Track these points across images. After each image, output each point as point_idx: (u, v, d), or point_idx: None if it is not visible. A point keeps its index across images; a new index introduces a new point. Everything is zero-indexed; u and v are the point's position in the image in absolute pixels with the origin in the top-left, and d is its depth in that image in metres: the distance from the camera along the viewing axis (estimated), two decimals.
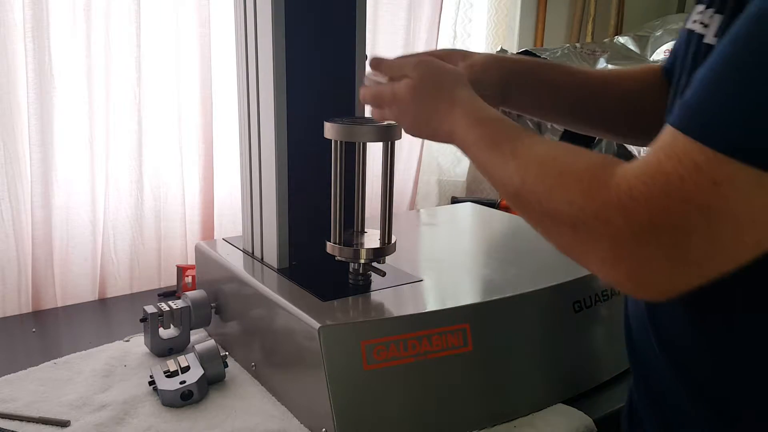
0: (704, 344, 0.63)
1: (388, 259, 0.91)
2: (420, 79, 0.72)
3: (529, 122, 1.62)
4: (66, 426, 0.82)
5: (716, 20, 0.59)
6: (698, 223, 0.46)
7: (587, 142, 1.46)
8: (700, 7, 0.67)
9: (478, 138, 0.65)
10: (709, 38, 0.60)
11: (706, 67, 0.48)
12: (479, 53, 0.85)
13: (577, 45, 1.66)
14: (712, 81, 0.47)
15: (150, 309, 0.99)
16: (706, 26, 0.63)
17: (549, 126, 1.56)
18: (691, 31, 0.68)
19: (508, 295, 0.89)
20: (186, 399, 0.86)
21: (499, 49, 1.66)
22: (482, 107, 0.68)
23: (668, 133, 0.49)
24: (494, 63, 0.83)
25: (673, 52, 0.83)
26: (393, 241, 0.90)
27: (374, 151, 0.93)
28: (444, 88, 0.71)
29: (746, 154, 0.44)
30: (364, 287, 0.90)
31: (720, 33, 0.58)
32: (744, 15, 0.47)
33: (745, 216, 0.45)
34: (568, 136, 1.54)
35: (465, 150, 0.68)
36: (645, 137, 0.89)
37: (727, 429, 0.63)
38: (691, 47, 0.66)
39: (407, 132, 0.77)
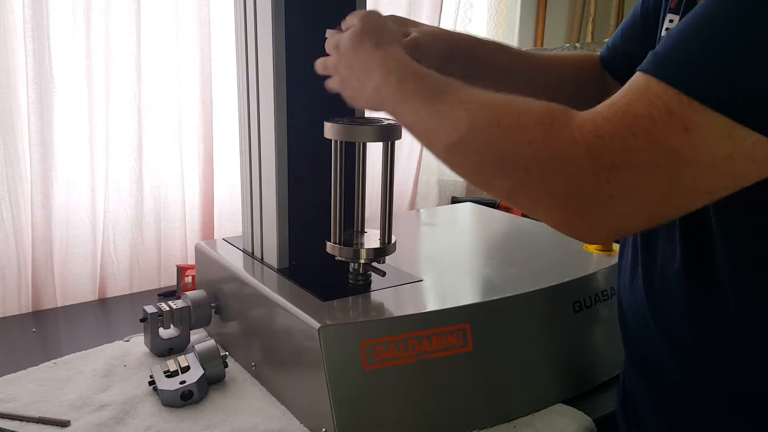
0: (699, 325, 0.64)
1: (388, 259, 0.91)
2: (362, 28, 0.72)
3: None
4: (66, 426, 0.82)
5: None
6: (662, 164, 0.47)
7: None
8: (673, 17, 0.68)
9: (416, 89, 0.63)
10: None
11: (682, 22, 0.49)
12: (429, 24, 0.86)
13: (577, 45, 1.66)
14: (690, 32, 0.48)
15: (150, 309, 0.99)
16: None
17: None
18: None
19: (508, 295, 0.89)
20: (186, 399, 0.86)
21: None
22: (416, 64, 0.67)
23: (639, 78, 0.49)
24: (442, 34, 0.84)
25: (614, 47, 0.86)
26: (393, 241, 0.90)
27: (374, 151, 0.92)
28: (380, 42, 0.70)
29: (721, 103, 0.45)
30: (364, 287, 0.90)
31: None
32: None
33: (708, 163, 0.46)
34: None
35: (395, 106, 0.65)
36: None
37: (727, 410, 0.63)
38: None
39: (337, 87, 0.75)
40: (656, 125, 0.47)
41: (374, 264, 0.89)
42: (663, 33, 0.70)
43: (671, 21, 0.68)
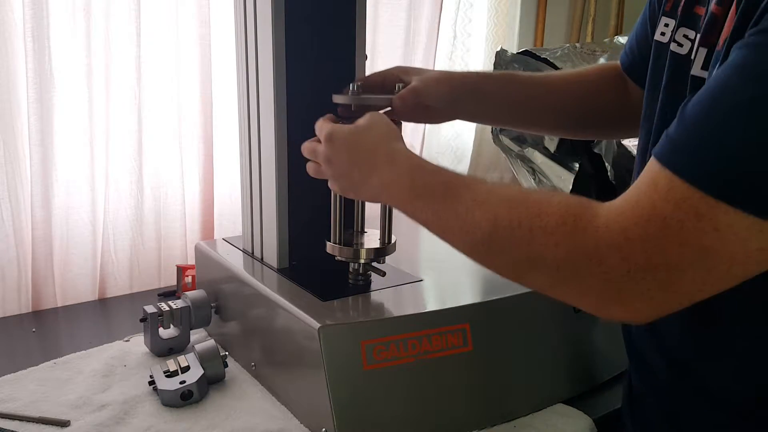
0: (693, 339, 0.64)
1: (388, 259, 0.91)
2: (365, 122, 0.72)
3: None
4: (66, 426, 0.82)
5: (702, 53, 0.60)
6: (695, 261, 0.47)
7: (587, 144, 1.46)
8: (668, 20, 0.67)
9: (428, 186, 0.63)
10: (697, 70, 0.60)
11: (699, 104, 0.48)
12: (431, 70, 0.87)
13: (577, 45, 1.66)
14: (709, 121, 0.47)
15: (150, 309, 0.99)
16: (680, 45, 0.64)
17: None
18: (660, 44, 0.68)
19: (508, 295, 0.88)
20: (186, 399, 0.86)
21: (499, 49, 1.65)
22: (423, 159, 0.67)
23: (661, 175, 0.49)
24: (445, 77, 0.85)
25: (632, 54, 0.84)
26: (393, 241, 0.90)
27: None
28: (382, 140, 0.70)
29: (749, 202, 0.45)
30: (364, 287, 0.90)
31: (706, 66, 0.59)
32: (739, 58, 0.47)
33: (741, 256, 0.47)
34: (566, 143, 1.54)
35: (407, 202, 0.65)
36: (593, 133, 1.00)
37: (726, 416, 0.64)
38: (666, 63, 0.66)
39: (325, 176, 0.75)
40: (686, 228, 0.46)
41: (374, 264, 0.89)
42: (658, 36, 0.69)
43: (666, 25, 0.68)
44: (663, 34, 0.68)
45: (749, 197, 0.45)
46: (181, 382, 0.87)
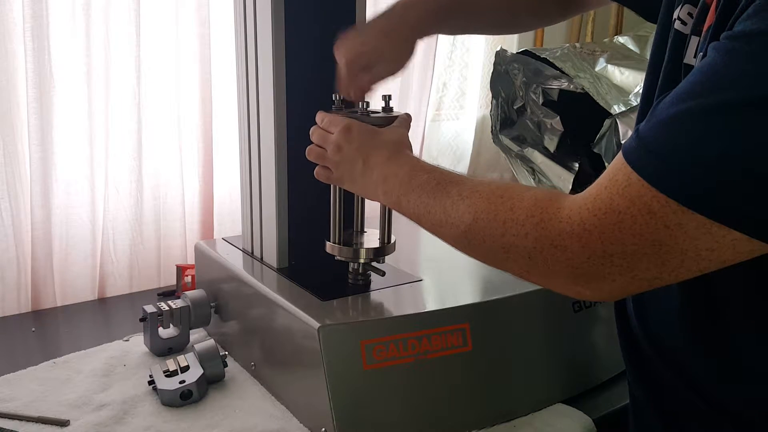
0: (686, 332, 0.65)
1: (387, 258, 0.91)
2: (384, 129, 0.78)
3: (528, 122, 1.62)
4: (65, 425, 0.82)
5: (694, 42, 0.61)
6: (648, 253, 0.50)
7: (587, 144, 1.46)
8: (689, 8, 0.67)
9: (425, 182, 0.68)
10: (689, 59, 0.61)
11: (666, 103, 0.50)
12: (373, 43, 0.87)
13: (577, 45, 1.66)
14: (669, 126, 0.49)
15: (149, 308, 0.99)
16: (684, 24, 0.64)
17: (549, 125, 1.56)
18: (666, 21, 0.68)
19: (508, 295, 0.88)
20: (185, 398, 0.86)
21: (499, 48, 1.65)
22: (425, 162, 0.73)
23: (622, 170, 0.51)
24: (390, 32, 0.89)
25: None
26: (393, 241, 0.90)
27: None
28: (394, 144, 0.76)
29: (698, 204, 0.47)
30: (364, 287, 0.90)
31: (696, 55, 0.60)
32: (710, 59, 0.48)
33: (692, 253, 0.49)
34: (567, 137, 1.54)
35: (401, 196, 0.71)
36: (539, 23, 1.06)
37: (714, 414, 0.64)
38: (669, 42, 0.65)
39: (330, 162, 0.79)
40: (638, 222, 0.49)
41: (374, 264, 0.89)
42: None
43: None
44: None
45: (698, 199, 0.47)
46: (180, 382, 0.87)
